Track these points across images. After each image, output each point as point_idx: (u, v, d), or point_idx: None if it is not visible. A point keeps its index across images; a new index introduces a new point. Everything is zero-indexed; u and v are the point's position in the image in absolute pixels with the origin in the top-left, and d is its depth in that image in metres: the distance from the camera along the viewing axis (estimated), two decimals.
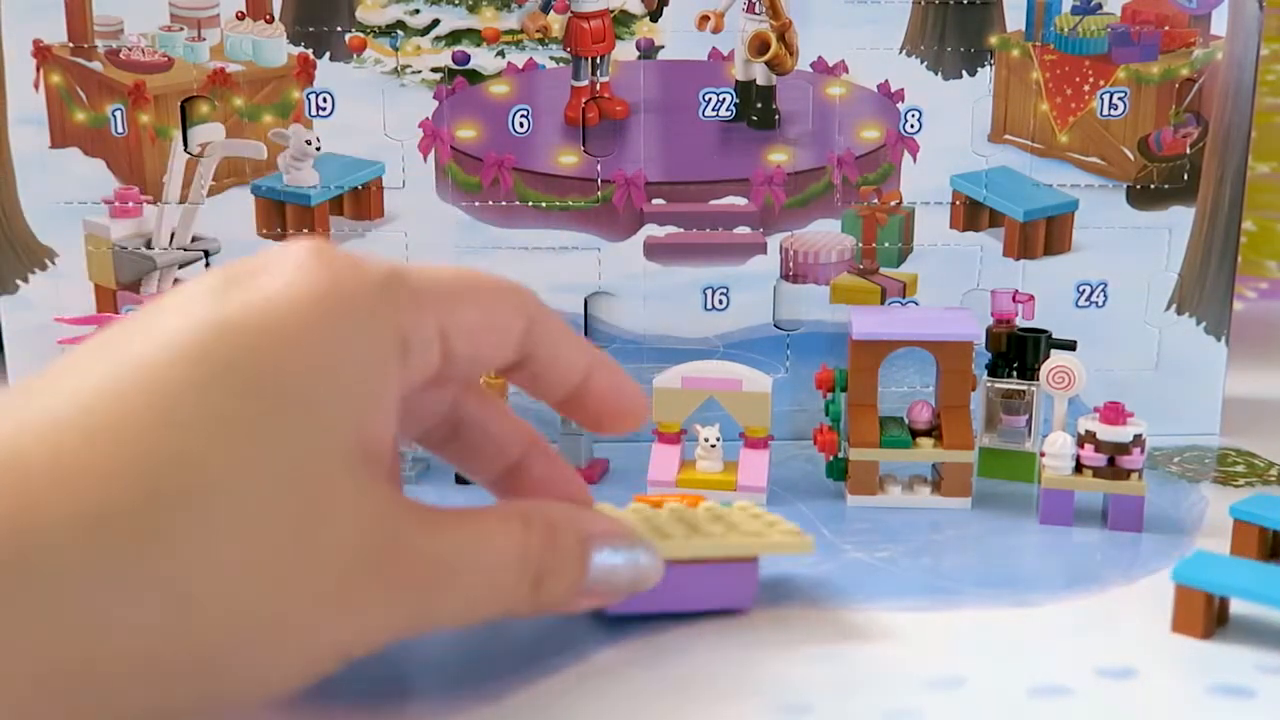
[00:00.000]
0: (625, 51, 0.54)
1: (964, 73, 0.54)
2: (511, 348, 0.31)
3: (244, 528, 0.24)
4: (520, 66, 0.54)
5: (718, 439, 0.49)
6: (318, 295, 0.26)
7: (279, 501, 0.24)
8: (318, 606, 0.25)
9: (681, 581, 0.35)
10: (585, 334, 0.56)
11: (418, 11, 0.53)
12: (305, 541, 0.25)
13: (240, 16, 0.53)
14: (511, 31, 0.54)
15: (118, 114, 0.54)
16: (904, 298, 0.56)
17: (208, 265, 0.55)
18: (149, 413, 0.24)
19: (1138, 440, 0.44)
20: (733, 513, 0.39)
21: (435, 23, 0.54)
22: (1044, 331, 0.51)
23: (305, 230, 0.55)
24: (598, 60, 0.54)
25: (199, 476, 0.23)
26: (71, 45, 0.53)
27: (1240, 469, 0.52)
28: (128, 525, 0.23)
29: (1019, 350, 0.50)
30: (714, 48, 0.54)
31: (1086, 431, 0.45)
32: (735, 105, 0.54)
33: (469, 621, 0.29)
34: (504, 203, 0.55)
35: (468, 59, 0.54)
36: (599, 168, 0.55)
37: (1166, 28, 0.54)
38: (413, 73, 0.54)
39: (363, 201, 0.55)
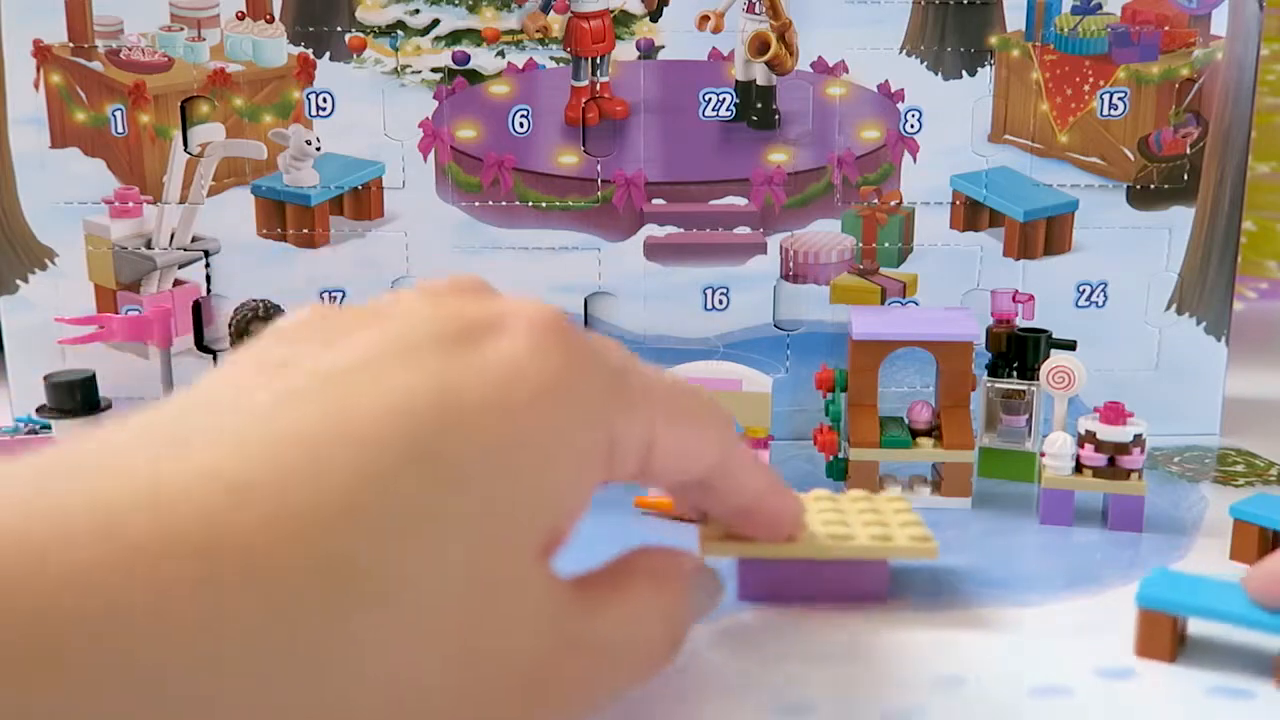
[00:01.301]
0: (625, 51, 0.54)
1: (964, 73, 0.54)
2: (700, 473, 0.31)
3: (405, 636, 0.22)
4: (520, 66, 0.54)
5: None
6: (547, 383, 0.25)
7: (447, 611, 0.23)
8: (492, 710, 0.24)
9: (820, 574, 0.37)
10: None
11: (418, 11, 0.53)
12: (486, 646, 0.24)
13: (240, 16, 0.53)
14: (511, 31, 0.54)
15: (118, 114, 0.54)
16: (904, 298, 0.56)
17: (208, 265, 0.55)
18: (337, 495, 0.21)
19: (1138, 440, 0.44)
20: (882, 509, 0.39)
21: (435, 23, 0.54)
22: (1044, 331, 0.51)
23: (305, 230, 0.55)
24: (598, 60, 0.54)
25: (387, 571, 0.21)
26: (71, 45, 0.53)
27: (1240, 469, 0.52)
28: (272, 614, 0.20)
29: (1019, 350, 0.50)
30: (714, 48, 0.54)
31: (1086, 431, 0.45)
32: (735, 105, 0.54)
33: (626, 692, 0.29)
34: (504, 203, 0.55)
35: (468, 59, 0.54)
36: (599, 168, 0.55)
37: (1166, 28, 0.54)
38: (413, 73, 0.54)
39: (363, 201, 0.55)
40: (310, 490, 0.21)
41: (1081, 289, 0.56)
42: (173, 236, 0.55)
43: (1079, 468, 0.45)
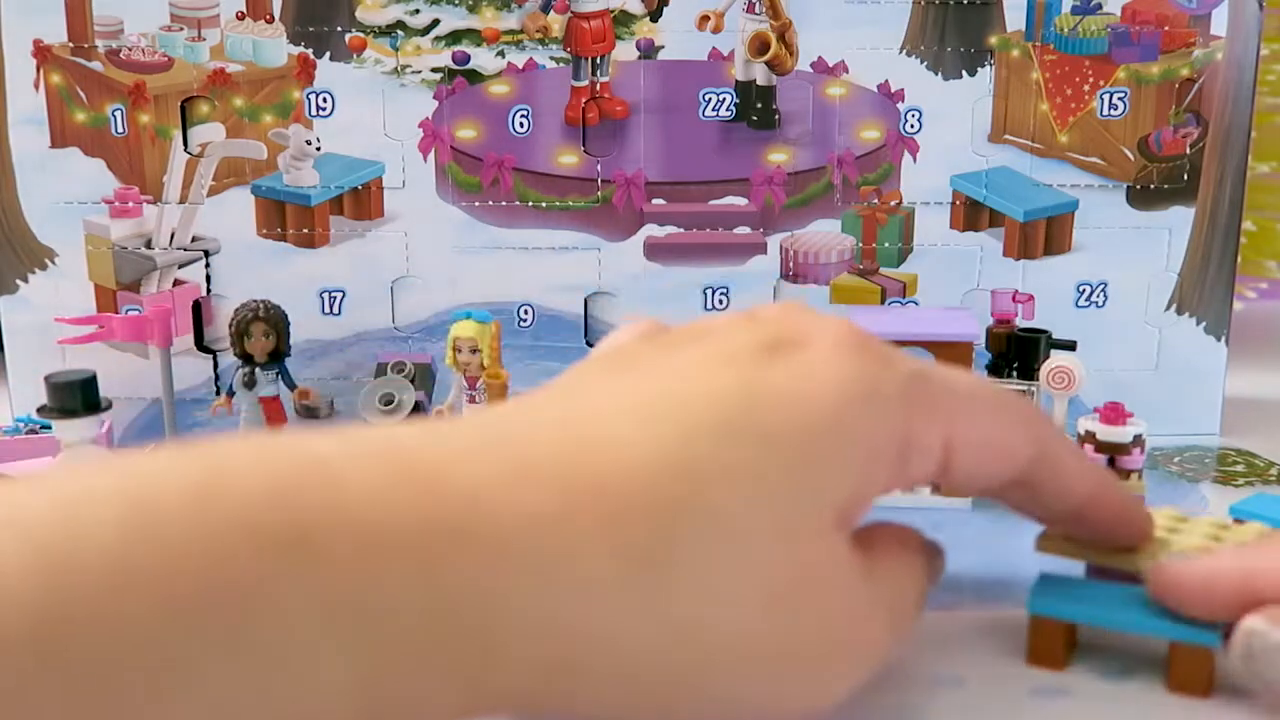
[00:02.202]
0: (625, 51, 0.54)
1: (964, 73, 0.54)
2: (1013, 471, 0.31)
3: (739, 564, 0.25)
4: (520, 66, 0.54)
5: None
6: (850, 381, 0.27)
7: (775, 548, 0.25)
8: (793, 664, 0.26)
9: None
10: (585, 334, 0.56)
11: (418, 11, 0.53)
12: (794, 596, 0.26)
13: (240, 16, 0.53)
14: (511, 31, 0.54)
15: (118, 114, 0.54)
16: (904, 298, 0.56)
17: (208, 265, 0.55)
18: (668, 451, 0.25)
19: (1138, 440, 0.44)
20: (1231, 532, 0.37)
21: (435, 23, 0.54)
22: (1044, 331, 0.51)
23: (305, 230, 0.55)
24: (598, 60, 0.54)
25: (704, 514, 0.24)
26: (71, 45, 0.53)
27: (1240, 469, 0.52)
28: (621, 542, 0.24)
29: (1019, 350, 0.50)
30: (714, 48, 0.54)
31: (1086, 431, 0.45)
32: (735, 105, 0.54)
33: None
34: (504, 203, 0.55)
35: (468, 59, 0.54)
36: (599, 168, 0.55)
37: (1166, 28, 0.54)
38: (413, 73, 0.54)
39: (363, 201, 0.55)
40: (645, 446, 0.25)
41: (1081, 289, 0.56)
42: (173, 236, 0.55)
43: None
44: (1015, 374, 0.50)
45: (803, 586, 0.26)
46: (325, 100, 0.54)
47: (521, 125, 0.55)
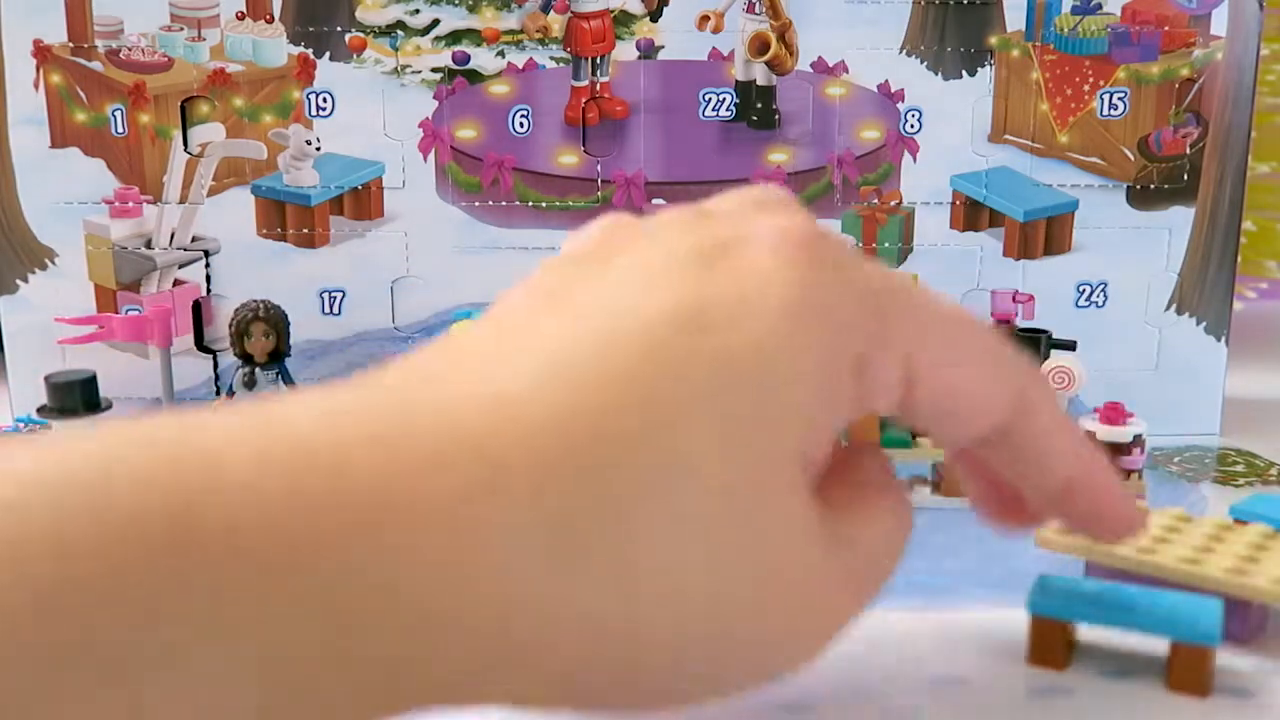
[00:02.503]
0: (625, 51, 0.54)
1: (964, 73, 0.54)
2: (986, 424, 0.27)
3: (680, 539, 0.22)
4: (520, 66, 0.54)
5: None
6: (790, 296, 0.24)
7: (722, 517, 0.23)
8: (746, 637, 0.24)
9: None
10: None
11: (418, 11, 0.53)
12: (745, 566, 0.23)
13: (240, 16, 0.53)
14: (511, 31, 0.54)
15: (118, 114, 0.54)
16: None
17: (208, 265, 0.55)
18: (594, 406, 0.22)
19: (1138, 440, 0.44)
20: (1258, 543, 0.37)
21: (435, 23, 0.54)
22: (1044, 331, 0.51)
23: (305, 230, 0.55)
24: (598, 60, 0.54)
25: (640, 482, 0.22)
26: (71, 45, 0.53)
27: (1240, 469, 0.52)
28: (548, 514, 0.21)
29: None
30: (714, 48, 0.54)
31: (1086, 432, 0.45)
32: (735, 105, 0.54)
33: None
34: (504, 203, 0.55)
35: (468, 59, 0.54)
36: (599, 168, 0.55)
37: (1166, 28, 0.54)
38: (413, 73, 0.54)
39: (363, 201, 0.55)
40: (575, 397, 0.22)
41: (1081, 289, 0.56)
42: (173, 236, 0.55)
43: None
44: None
45: (762, 561, 0.23)
46: (325, 100, 0.54)
47: (521, 125, 0.55)
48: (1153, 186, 0.55)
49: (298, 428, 0.21)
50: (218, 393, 0.56)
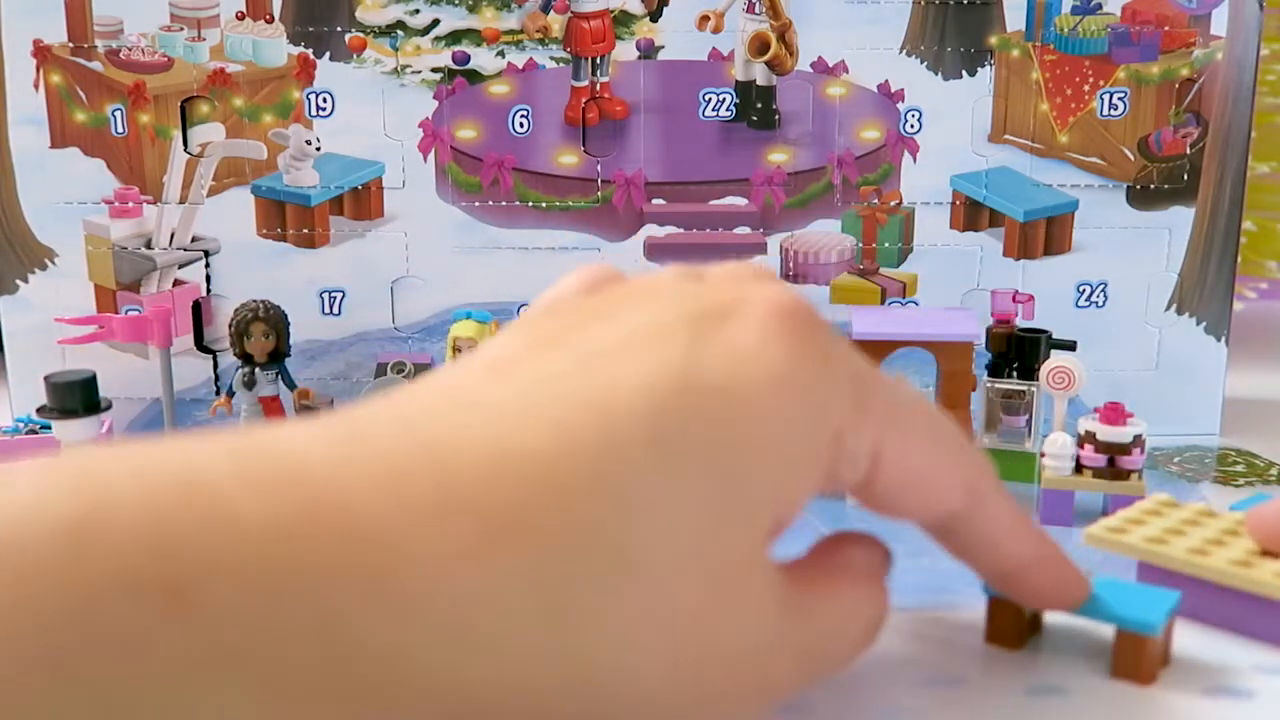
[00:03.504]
0: (625, 51, 0.54)
1: (964, 73, 0.54)
2: (941, 509, 0.30)
3: (654, 610, 0.23)
4: (520, 66, 0.54)
5: None
6: (776, 371, 0.25)
7: (690, 588, 0.24)
8: (698, 700, 0.25)
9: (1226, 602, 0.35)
10: None
11: (418, 11, 0.53)
12: (705, 633, 0.24)
13: (240, 16, 0.53)
14: (511, 31, 0.54)
15: (118, 114, 0.54)
16: (904, 298, 0.56)
17: (208, 265, 0.55)
18: (588, 465, 0.23)
19: (1138, 440, 0.44)
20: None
21: (435, 23, 0.54)
22: (1044, 331, 0.51)
23: (305, 230, 0.55)
24: (598, 60, 0.54)
25: (623, 553, 0.23)
26: (71, 45, 0.53)
27: (1240, 469, 0.52)
28: (537, 580, 0.22)
29: (1019, 350, 0.50)
30: (714, 48, 0.54)
31: (1086, 432, 0.45)
32: (735, 105, 0.54)
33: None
34: (504, 203, 0.55)
35: (468, 59, 0.54)
36: (599, 168, 0.55)
37: (1166, 28, 0.54)
38: (413, 73, 0.54)
39: (363, 201, 0.55)
40: (568, 461, 0.23)
41: (1081, 289, 0.56)
42: (173, 236, 0.55)
43: (1079, 468, 0.45)
44: (1015, 374, 0.50)
45: (717, 627, 0.24)
46: (325, 100, 0.54)
47: (521, 125, 0.55)
48: (1153, 186, 0.55)
49: (311, 469, 0.22)
50: (218, 393, 0.56)
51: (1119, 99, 0.55)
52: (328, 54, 0.54)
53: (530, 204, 0.55)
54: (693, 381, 0.24)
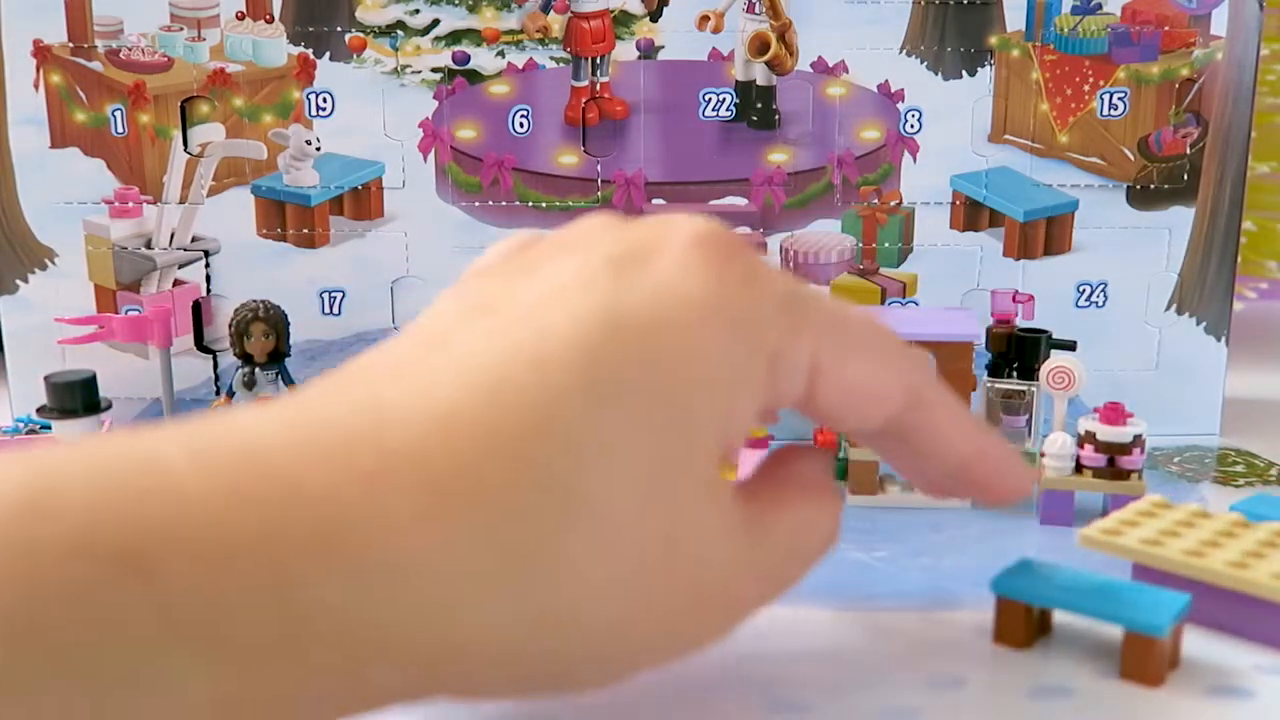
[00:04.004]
0: (625, 51, 0.54)
1: (964, 73, 0.54)
2: (883, 416, 0.30)
3: (608, 548, 0.24)
4: (520, 66, 0.54)
5: None
6: (704, 300, 0.26)
7: (644, 521, 0.24)
8: (663, 627, 0.26)
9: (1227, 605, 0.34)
10: None
11: (418, 11, 0.53)
12: (664, 564, 0.25)
13: (240, 16, 0.53)
14: (511, 31, 0.54)
15: (118, 114, 0.54)
16: (904, 298, 0.56)
17: (208, 265, 0.55)
18: (529, 417, 0.23)
19: (1138, 440, 0.44)
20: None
21: (435, 23, 0.54)
22: (1044, 331, 0.51)
23: (305, 230, 0.55)
24: (598, 60, 0.54)
25: (572, 497, 0.23)
26: (71, 45, 0.53)
27: (1240, 469, 0.52)
28: (487, 537, 0.23)
29: (1019, 350, 0.50)
30: (714, 48, 0.54)
31: (1086, 432, 0.45)
32: (735, 105, 0.54)
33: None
34: (504, 203, 0.55)
35: (468, 59, 0.54)
36: (599, 168, 0.55)
37: (1166, 28, 0.54)
38: (413, 73, 0.54)
39: (363, 201, 0.55)
40: (508, 414, 0.23)
41: (1081, 289, 0.56)
42: (173, 236, 0.55)
43: (1079, 468, 0.45)
44: (1015, 374, 0.50)
45: (674, 557, 0.25)
46: (325, 100, 0.54)
47: (521, 125, 0.55)
48: (1153, 186, 0.55)
49: (261, 443, 0.23)
50: (217, 393, 0.56)
51: (1119, 99, 0.55)
52: (328, 54, 0.54)
53: (530, 204, 0.55)
54: (620, 321, 0.25)
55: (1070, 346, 0.51)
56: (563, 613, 0.24)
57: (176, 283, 0.55)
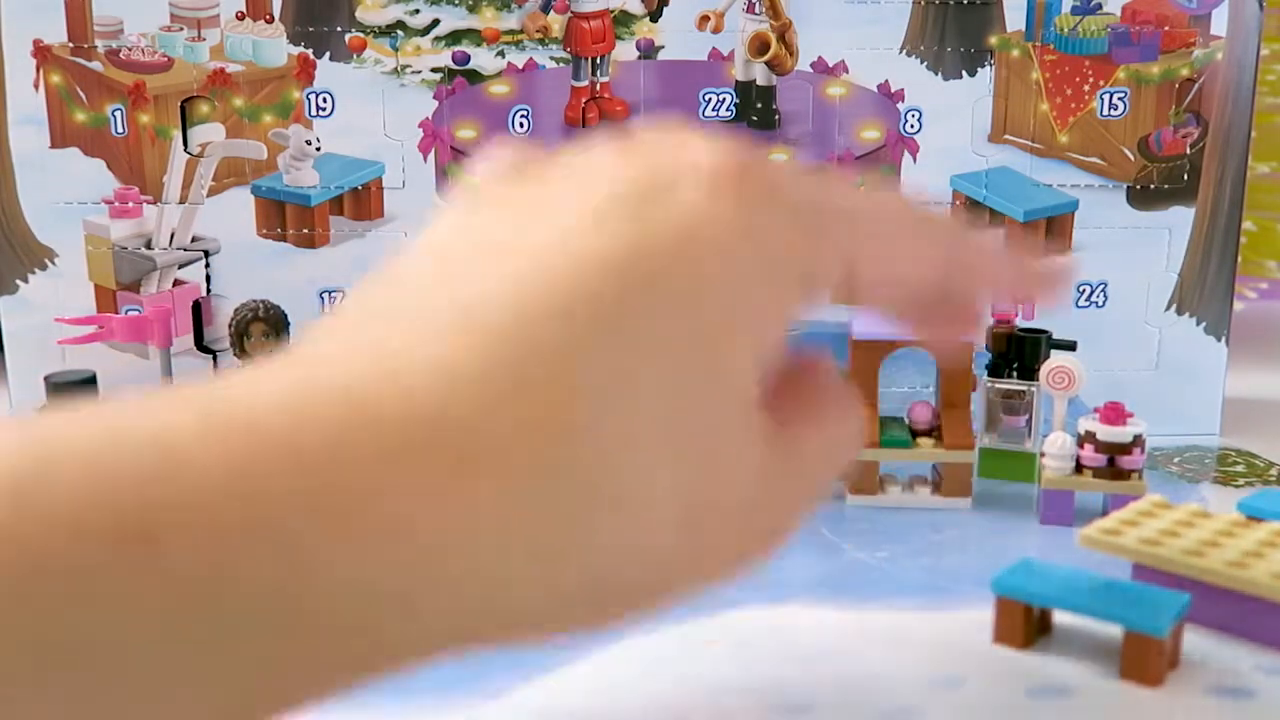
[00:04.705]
0: (625, 51, 0.54)
1: (964, 73, 0.54)
2: (919, 291, 0.29)
3: (641, 514, 0.23)
4: (520, 66, 0.54)
5: None
6: (727, 233, 0.25)
7: (686, 465, 0.24)
8: (712, 558, 0.25)
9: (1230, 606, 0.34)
10: None
11: (418, 11, 0.53)
12: (708, 498, 0.24)
13: (240, 16, 0.53)
14: (511, 31, 0.54)
15: (118, 114, 0.54)
16: None
17: (208, 265, 0.55)
18: (558, 356, 0.22)
19: (1138, 440, 0.44)
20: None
21: (435, 23, 0.54)
22: (1044, 332, 0.51)
23: (305, 230, 0.55)
24: (598, 60, 0.54)
25: (603, 459, 0.22)
26: (71, 45, 0.53)
27: (1240, 469, 0.52)
28: (511, 505, 0.22)
29: (1019, 350, 0.50)
30: (714, 48, 0.54)
31: (1086, 432, 0.45)
32: (735, 105, 0.54)
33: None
34: None
35: (468, 59, 0.54)
36: None
37: (1166, 28, 0.54)
38: (413, 73, 0.54)
39: (363, 201, 0.55)
40: (529, 371, 0.22)
41: (1081, 289, 0.56)
42: (173, 236, 0.55)
43: (1079, 468, 0.45)
44: (1015, 374, 0.50)
45: (716, 494, 0.24)
46: (325, 100, 0.54)
47: (521, 125, 0.55)
48: (1153, 186, 0.55)
49: (253, 408, 0.21)
50: None
51: (1119, 99, 0.55)
52: (328, 54, 0.54)
53: None
54: (643, 264, 0.24)
55: (1070, 346, 0.50)
56: (610, 559, 0.23)
57: (176, 283, 0.55)
